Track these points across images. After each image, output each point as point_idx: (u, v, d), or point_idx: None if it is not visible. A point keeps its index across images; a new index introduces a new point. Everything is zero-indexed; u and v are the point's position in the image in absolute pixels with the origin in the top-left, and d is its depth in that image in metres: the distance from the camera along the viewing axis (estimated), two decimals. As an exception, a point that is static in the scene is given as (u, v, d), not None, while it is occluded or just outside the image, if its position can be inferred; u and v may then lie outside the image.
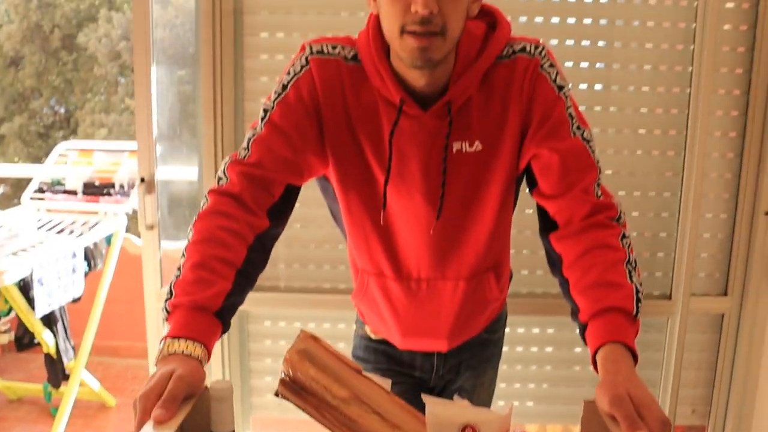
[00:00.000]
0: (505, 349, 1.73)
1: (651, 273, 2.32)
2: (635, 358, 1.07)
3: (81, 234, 3.42)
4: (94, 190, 3.70)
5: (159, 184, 2.27)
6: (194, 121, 2.47)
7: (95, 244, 3.55)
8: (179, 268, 1.13)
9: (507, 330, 1.71)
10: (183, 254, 1.15)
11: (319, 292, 2.34)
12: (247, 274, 1.18)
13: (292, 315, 2.41)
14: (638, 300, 1.14)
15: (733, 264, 2.32)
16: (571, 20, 2.20)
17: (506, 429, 0.95)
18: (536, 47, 1.29)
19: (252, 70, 2.23)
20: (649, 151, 2.27)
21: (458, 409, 0.98)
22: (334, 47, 1.29)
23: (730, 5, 2.18)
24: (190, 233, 1.18)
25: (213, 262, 1.13)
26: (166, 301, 1.11)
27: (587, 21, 2.20)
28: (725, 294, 2.35)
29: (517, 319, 2.32)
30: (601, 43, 2.22)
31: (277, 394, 1.03)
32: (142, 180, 2.22)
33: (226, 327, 1.13)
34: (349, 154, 1.32)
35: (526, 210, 1.99)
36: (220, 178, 1.24)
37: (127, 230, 3.84)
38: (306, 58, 1.29)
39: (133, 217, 3.85)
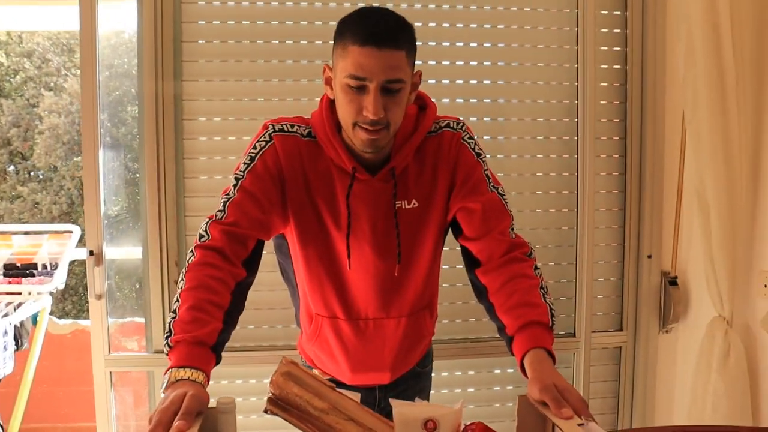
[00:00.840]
0: (432, 392, 1.97)
1: (556, 315, 2.61)
2: (554, 360, 1.34)
3: (6, 314, 3.45)
4: (16, 271, 3.73)
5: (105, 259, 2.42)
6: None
7: (21, 324, 3.58)
8: (174, 311, 1.33)
9: (434, 374, 1.95)
10: (177, 299, 1.35)
11: (259, 350, 2.51)
12: (232, 316, 1.39)
13: (230, 373, 2.55)
14: (552, 315, 1.43)
15: (625, 303, 2.67)
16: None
17: (459, 419, 1.19)
18: (458, 123, 1.61)
19: (191, 151, 2.45)
20: (546, 209, 2.61)
21: (420, 407, 1.21)
22: (291, 126, 1.55)
23: (604, 69, 2.60)
24: (180, 282, 1.38)
25: (206, 305, 1.33)
26: (167, 338, 1.30)
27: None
28: (621, 329, 2.68)
29: (442, 363, 2.55)
30: (500, 119, 2.57)
31: (266, 411, 1.23)
32: (91, 253, 2.36)
33: (218, 359, 1.33)
34: (307, 214, 1.56)
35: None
36: (202, 236, 1.45)
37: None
38: (270, 135, 1.53)
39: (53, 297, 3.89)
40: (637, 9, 2.56)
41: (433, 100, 1.63)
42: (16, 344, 3.51)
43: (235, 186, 1.50)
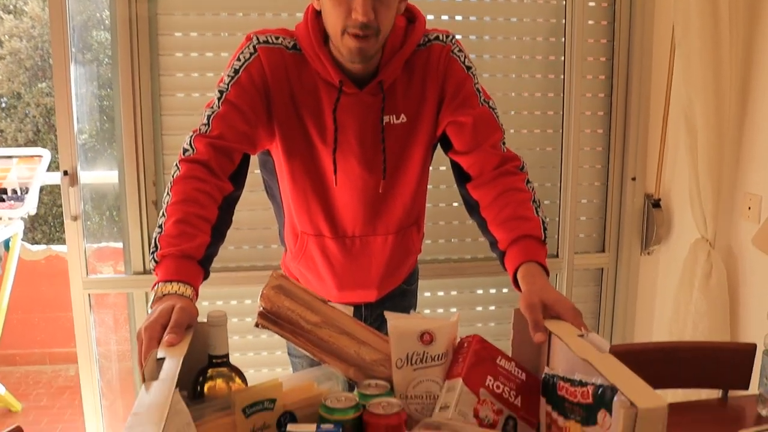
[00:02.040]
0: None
1: (549, 229, 2.63)
2: (547, 273, 1.33)
3: (-23, 240, 3.39)
4: (-16, 196, 3.65)
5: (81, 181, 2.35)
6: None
7: (-8, 250, 3.52)
8: (161, 226, 1.28)
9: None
10: (163, 214, 1.30)
11: (240, 270, 2.49)
12: (219, 230, 1.34)
13: (211, 294, 2.54)
14: (545, 228, 1.41)
15: (607, 224, 2.67)
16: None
17: (455, 332, 1.18)
18: (447, 36, 1.54)
19: (167, 67, 2.36)
20: (532, 129, 2.58)
21: (416, 320, 1.20)
22: (276, 38, 1.48)
23: (592, 4, 2.53)
24: (166, 197, 1.32)
25: (193, 218, 1.28)
26: (152, 253, 1.25)
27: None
28: (603, 251, 2.69)
29: (425, 284, 2.54)
30: (486, 38, 2.51)
31: (257, 325, 1.20)
32: (66, 173, 2.29)
33: (206, 274, 1.29)
34: (293, 128, 1.50)
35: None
36: (186, 150, 1.39)
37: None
38: (254, 47, 1.46)
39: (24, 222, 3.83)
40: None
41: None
42: (-12, 270, 3.46)
43: (219, 99, 1.44)
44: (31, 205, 3.77)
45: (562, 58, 2.53)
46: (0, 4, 7.46)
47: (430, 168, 1.66)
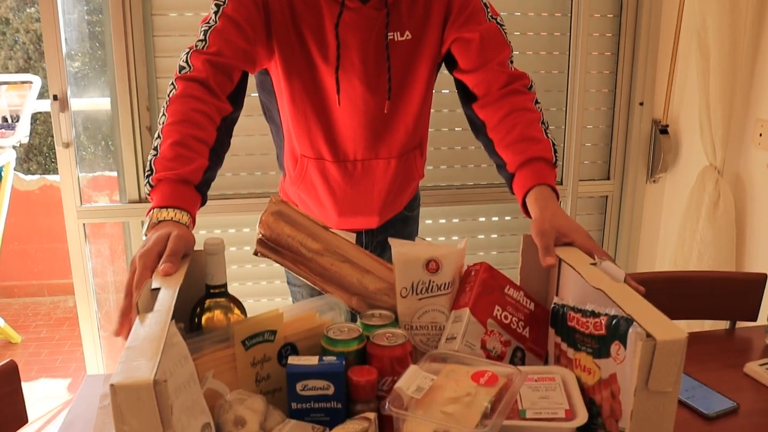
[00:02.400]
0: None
1: (558, 151, 2.58)
2: (557, 196, 1.27)
3: (-30, 168, 3.33)
4: (-27, 124, 3.57)
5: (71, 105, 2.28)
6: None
7: (-17, 179, 3.46)
8: (156, 148, 1.21)
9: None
10: (159, 135, 1.23)
11: (238, 198, 2.44)
12: (217, 153, 1.27)
13: (210, 223, 2.49)
14: (555, 150, 1.34)
15: (613, 151, 2.61)
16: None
17: (462, 260, 1.13)
18: None
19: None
20: (537, 51, 2.49)
21: (422, 246, 1.15)
22: None
23: None
24: (162, 117, 1.25)
25: (190, 141, 1.22)
26: (147, 177, 1.19)
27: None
28: (608, 178, 2.64)
29: (426, 211, 2.50)
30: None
31: (256, 253, 1.15)
32: (55, 98, 2.21)
33: (204, 200, 1.23)
34: (293, 45, 1.43)
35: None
36: (182, 68, 1.32)
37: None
38: None
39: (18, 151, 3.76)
40: None
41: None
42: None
43: (216, 13, 1.36)
44: (22, 133, 3.69)
45: (571, -23, 2.42)
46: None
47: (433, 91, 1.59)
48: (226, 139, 1.33)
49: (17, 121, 3.68)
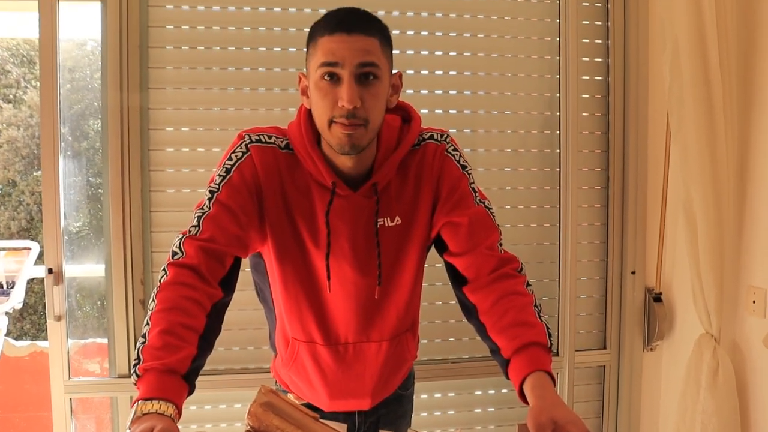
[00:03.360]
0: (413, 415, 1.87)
1: (553, 334, 2.56)
2: (553, 381, 1.25)
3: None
4: (-31, 291, 3.57)
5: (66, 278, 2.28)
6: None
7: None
8: (144, 336, 1.21)
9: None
10: (147, 322, 1.23)
11: (229, 373, 2.39)
12: (207, 340, 1.27)
13: (201, 398, 2.43)
14: (549, 334, 1.34)
15: (608, 320, 2.60)
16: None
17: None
18: (442, 135, 1.53)
19: (157, 162, 2.33)
20: (528, 224, 2.54)
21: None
22: (269, 137, 1.45)
23: (586, 96, 2.53)
24: (151, 303, 1.26)
25: (178, 329, 1.21)
26: (134, 365, 1.18)
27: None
28: (604, 347, 2.61)
29: (421, 385, 2.45)
30: (480, 130, 2.49)
31: (244, 445, 1.12)
32: (50, 271, 2.22)
33: (192, 389, 1.21)
34: (285, 230, 1.46)
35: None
36: (175, 253, 1.33)
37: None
38: (246, 146, 1.43)
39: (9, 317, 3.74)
40: (619, 19, 2.51)
41: (414, 111, 1.56)
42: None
43: (210, 199, 1.40)
44: (16, 300, 3.69)
45: (558, 150, 2.51)
46: (0, 93, 7.56)
47: (425, 265, 1.60)
48: (217, 325, 1.33)
49: (12, 287, 3.69)
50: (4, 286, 3.68)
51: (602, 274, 2.60)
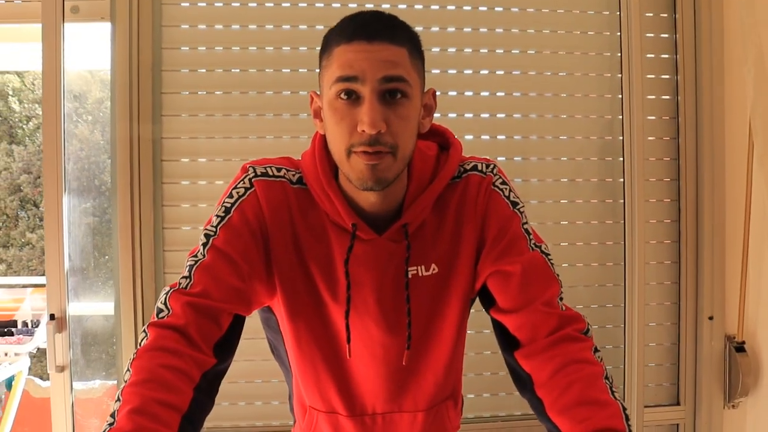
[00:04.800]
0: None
1: (631, 416, 2.28)
2: None
3: (-24, 379, 3.13)
4: (-7, 330, 3.43)
5: (71, 320, 2.08)
6: (101, 254, 2.33)
7: (-7, 389, 3.26)
8: (113, 415, 0.96)
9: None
10: (118, 398, 0.98)
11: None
12: (193, 420, 1.01)
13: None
14: (626, 417, 1.04)
15: (682, 372, 2.30)
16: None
17: None
18: (487, 165, 1.25)
19: (171, 197, 2.12)
20: (588, 263, 2.27)
21: None
22: (278, 169, 1.20)
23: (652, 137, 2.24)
24: (126, 373, 1.01)
25: (155, 407, 0.96)
26: (99, 454, 0.93)
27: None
28: (678, 403, 2.31)
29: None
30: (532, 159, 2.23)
31: None
32: (52, 317, 2.02)
33: None
34: (297, 280, 1.20)
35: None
36: (160, 310, 1.09)
37: (30, 372, 3.55)
38: (250, 180, 1.19)
39: (35, 356, 3.60)
40: (689, 29, 2.25)
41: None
42: (-14, 413, 3.18)
43: (204, 245, 1.15)
44: (40, 339, 3.54)
45: (621, 179, 2.25)
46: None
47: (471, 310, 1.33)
48: (208, 400, 1.07)
49: (37, 326, 3.53)
50: (29, 326, 3.53)
51: (674, 320, 2.31)
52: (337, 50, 1.07)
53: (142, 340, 1.06)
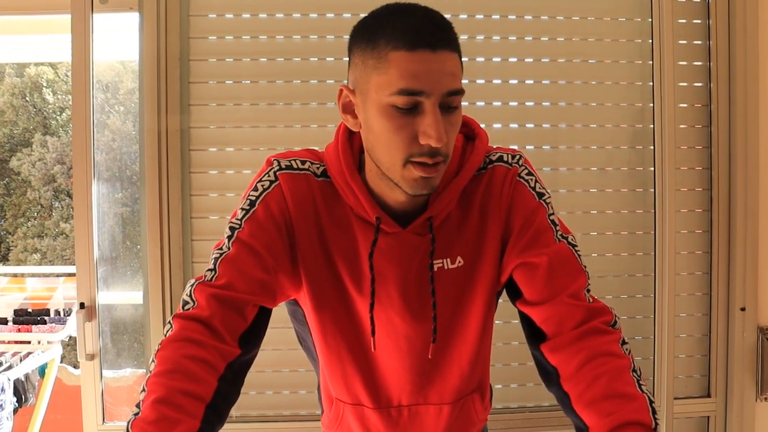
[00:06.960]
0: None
1: (658, 410, 2.24)
2: None
3: (10, 366, 3.15)
4: (27, 318, 3.46)
5: (101, 309, 2.10)
6: (133, 243, 2.34)
7: (27, 377, 3.28)
8: (138, 405, 0.97)
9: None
10: (143, 388, 0.99)
11: (278, 421, 2.16)
12: (217, 409, 1.01)
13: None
14: (653, 410, 1.02)
15: (713, 363, 2.25)
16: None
17: None
18: (513, 156, 1.23)
19: (199, 186, 2.13)
20: (618, 252, 2.23)
21: None
22: (303, 162, 1.20)
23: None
24: (151, 364, 1.02)
25: (179, 397, 0.96)
26: (125, 442, 0.94)
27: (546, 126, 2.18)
28: (708, 395, 2.26)
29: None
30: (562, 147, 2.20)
31: None
32: (82, 306, 2.04)
33: None
34: (323, 273, 1.20)
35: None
36: (185, 302, 1.09)
37: (63, 360, 3.58)
38: (274, 173, 1.18)
39: (68, 345, 3.63)
40: (722, 14, 2.19)
41: (483, 126, 1.27)
42: (18, 400, 3.21)
43: (229, 238, 1.15)
44: (73, 327, 3.57)
45: (652, 168, 2.21)
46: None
47: (499, 300, 1.32)
48: (233, 390, 1.07)
49: (69, 315, 3.56)
50: (62, 314, 3.56)
51: (705, 310, 2.26)
52: (395, 56, 1.03)
53: (167, 332, 1.07)
